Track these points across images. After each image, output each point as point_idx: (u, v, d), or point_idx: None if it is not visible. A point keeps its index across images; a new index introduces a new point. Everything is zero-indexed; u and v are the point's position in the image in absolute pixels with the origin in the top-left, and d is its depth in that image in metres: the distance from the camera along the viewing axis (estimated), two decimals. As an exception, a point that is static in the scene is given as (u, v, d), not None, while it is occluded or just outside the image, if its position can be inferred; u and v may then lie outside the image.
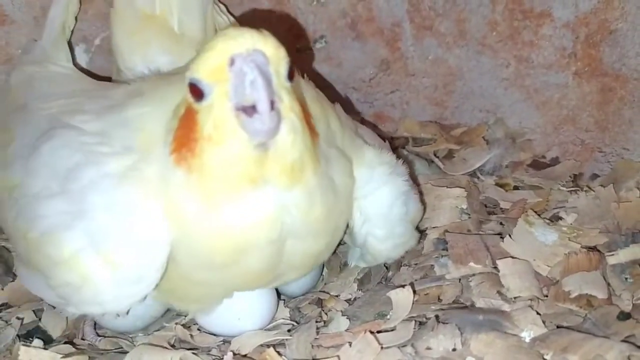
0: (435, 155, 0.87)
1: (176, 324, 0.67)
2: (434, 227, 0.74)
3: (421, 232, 0.73)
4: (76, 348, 0.66)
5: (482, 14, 0.84)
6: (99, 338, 0.68)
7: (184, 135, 0.53)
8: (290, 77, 0.52)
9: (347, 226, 0.65)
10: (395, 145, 0.89)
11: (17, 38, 0.84)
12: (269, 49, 0.49)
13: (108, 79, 0.80)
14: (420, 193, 0.74)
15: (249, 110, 0.48)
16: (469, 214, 0.74)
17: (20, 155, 0.63)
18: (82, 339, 0.69)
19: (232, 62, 0.49)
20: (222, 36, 0.50)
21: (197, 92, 0.51)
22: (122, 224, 0.55)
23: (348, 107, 0.96)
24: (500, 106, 0.88)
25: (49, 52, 0.78)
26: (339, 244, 0.67)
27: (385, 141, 0.74)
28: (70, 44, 0.82)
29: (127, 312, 0.61)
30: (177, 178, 0.54)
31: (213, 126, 0.50)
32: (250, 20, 0.91)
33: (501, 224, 0.73)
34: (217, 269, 0.57)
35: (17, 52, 0.84)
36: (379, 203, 0.65)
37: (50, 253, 0.57)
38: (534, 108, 0.86)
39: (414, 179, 0.72)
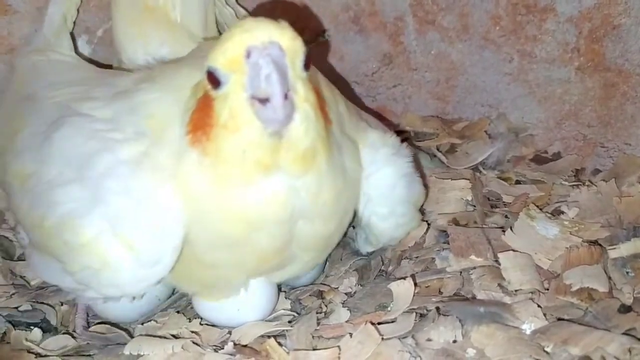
0: (437, 149, 0.87)
1: (177, 312, 0.67)
2: (437, 219, 0.73)
3: (426, 223, 0.73)
4: (75, 339, 0.66)
5: (485, 8, 0.84)
6: (88, 331, 0.68)
7: (201, 118, 0.54)
8: (307, 67, 0.52)
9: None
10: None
11: (19, 28, 0.84)
12: (286, 41, 0.50)
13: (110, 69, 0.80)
14: (423, 177, 0.74)
15: (263, 99, 0.49)
16: (475, 206, 0.74)
17: (30, 145, 0.64)
18: (74, 330, 0.68)
19: (248, 54, 0.50)
20: (240, 27, 0.51)
21: (214, 80, 0.52)
22: (138, 209, 0.57)
23: (350, 102, 0.96)
24: (503, 101, 0.88)
25: (51, 42, 0.79)
26: (350, 226, 0.68)
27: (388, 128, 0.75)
28: (72, 35, 0.82)
29: (142, 296, 0.63)
30: (191, 159, 0.55)
31: (229, 114, 0.52)
32: (253, 14, 0.92)
33: (506, 217, 0.73)
34: (229, 247, 0.58)
35: (19, 42, 0.84)
36: (382, 183, 0.65)
37: (69, 239, 0.58)
38: (537, 103, 0.86)
39: (417, 167, 0.72)
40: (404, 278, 0.65)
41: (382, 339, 0.58)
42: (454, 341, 0.57)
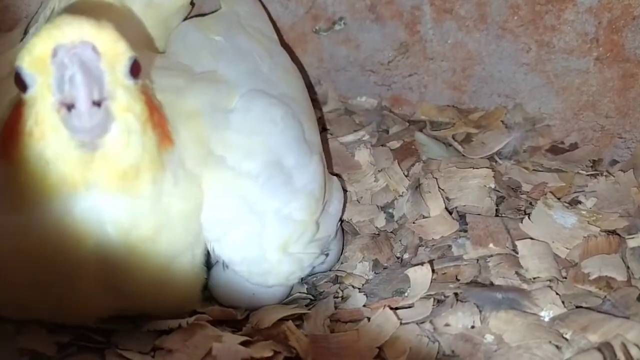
0: (453, 138, 0.86)
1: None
2: (456, 208, 0.73)
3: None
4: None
5: (504, -3, 0.84)
6: None
7: (11, 126, 0.50)
8: (134, 74, 0.48)
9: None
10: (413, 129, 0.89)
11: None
12: (103, 42, 0.46)
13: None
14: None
15: (70, 105, 0.46)
16: (499, 191, 0.74)
17: None
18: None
19: (54, 53, 0.46)
20: (50, 24, 0.47)
21: (20, 82, 0.48)
22: None
23: (365, 90, 0.96)
24: (520, 91, 0.87)
25: None
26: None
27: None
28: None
29: None
30: None
31: (35, 121, 0.47)
32: (269, 1, 0.91)
33: (530, 204, 0.72)
34: (32, 286, 0.53)
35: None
36: (230, 249, 0.60)
37: None
38: (554, 93, 0.85)
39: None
40: (422, 264, 0.65)
41: (401, 323, 0.58)
42: (472, 327, 0.57)
